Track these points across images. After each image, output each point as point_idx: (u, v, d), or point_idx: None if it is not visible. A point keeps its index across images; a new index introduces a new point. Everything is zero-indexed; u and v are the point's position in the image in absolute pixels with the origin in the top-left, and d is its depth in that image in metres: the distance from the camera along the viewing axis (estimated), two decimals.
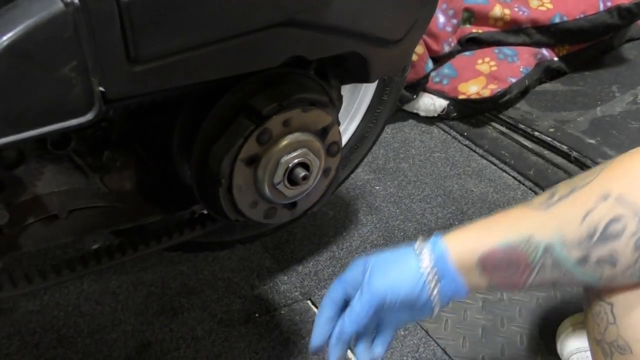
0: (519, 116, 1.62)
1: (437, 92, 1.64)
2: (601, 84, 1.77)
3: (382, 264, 0.67)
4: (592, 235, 0.62)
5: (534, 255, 0.64)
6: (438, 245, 0.66)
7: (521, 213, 0.68)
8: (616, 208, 0.62)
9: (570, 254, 0.64)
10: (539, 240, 0.64)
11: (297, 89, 0.61)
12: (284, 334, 1.06)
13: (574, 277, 0.65)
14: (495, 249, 0.65)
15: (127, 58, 0.49)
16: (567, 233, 0.63)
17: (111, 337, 1.04)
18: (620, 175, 0.64)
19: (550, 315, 1.10)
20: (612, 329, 0.71)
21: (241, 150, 0.58)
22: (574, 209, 0.64)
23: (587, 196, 0.64)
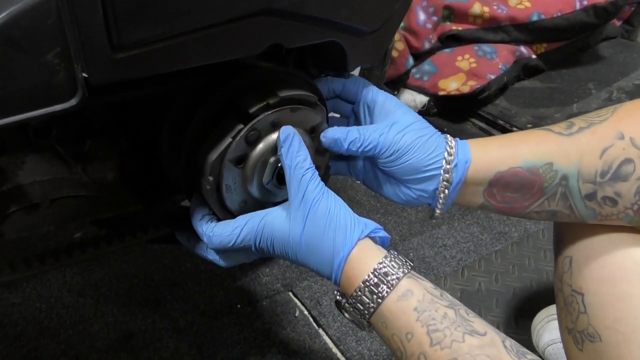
0: (497, 112, 1.65)
1: (418, 89, 1.66)
2: (578, 82, 1.81)
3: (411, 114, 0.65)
4: (606, 172, 0.64)
5: (550, 182, 0.65)
6: (465, 145, 0.64)
7: (543, 136, 0.66)
8: (630, 149, 0.63)
9: (581, 188, 0.65)
10: (559, 167, 0.64)
11: (286, 88, 0.60)
12: (266, 325, 1.08)
13: (575, 211, 0.67)
14: (516, 169, 0.64)
15: (110, 45, 0.49)
16: (585, 165, 0.64)
17: (94, 329, 1.04)
18: (633, 117, 0.65)
19: (527, 305, 1.13)
20: (582, 318, 0.74)
21: (229, 150, 0.57)
22: (594, 141, 0.64)
23: (605, 131, 0.64)
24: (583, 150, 0.64)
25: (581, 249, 0.74)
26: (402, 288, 0.53)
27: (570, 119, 0.68)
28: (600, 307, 0.72)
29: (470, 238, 1.30)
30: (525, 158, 0.65)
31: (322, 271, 0.57)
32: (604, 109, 0.68)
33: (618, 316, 0.70)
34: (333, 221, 0.55)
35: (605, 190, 0.64)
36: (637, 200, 0.64)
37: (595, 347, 0.72)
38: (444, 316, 0.52)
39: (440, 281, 1.18)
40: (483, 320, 0.55)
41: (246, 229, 0.59)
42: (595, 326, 0.72)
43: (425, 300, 0.53)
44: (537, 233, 1.32)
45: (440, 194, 0.65)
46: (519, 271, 1.22)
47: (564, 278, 0.78)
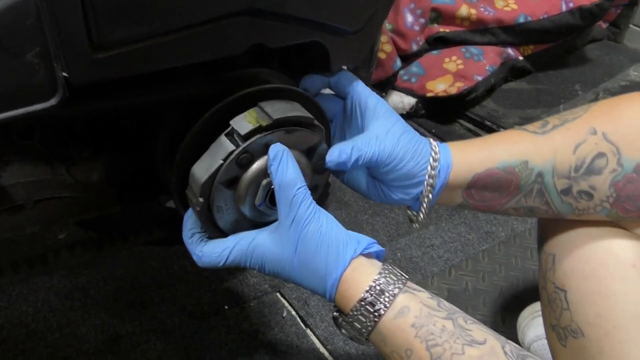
0: (485, 113, 1.66)
1: (406, 90, 1.67)
2: (564, 83, 1.82)
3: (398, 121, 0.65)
4: (580, 167, 0.65)
5: (526, 180, 0.66)
6: (446, 149, 0.66)
7: (518, 136, 0.68)
8: (602, 143, 0.64)
9: (556, 183, 0.66)
10: (534, 165, 0.66)
11: (282, 109, 0.58)
12: (253, 326, 1.08)
13: (551, 207, 0.68)
14: (493, 169, 0.66)
15: (90, 45, 0.50)
16: (559, 161, 0.65)
17: (81, 331, 1.04)
18: (606, 113, 0.67)
19: (513, 304, 1.13)
20: (566, 314, 0.74)
21: (219, 173, 0.56)
22: (567, 137, 0.66)
23: (578, 128, 0.66)
24: (557, 147, 0.66)
25: (563, 246, 0.75)
26: (399, 305, 0.53)
27: (546, 118, 0.70)
28: (582, 304, 0.73)
29: (458, 238, 1.30)
30: (501, 159, 0.66)
31: (316, 291, 0.56)
32: (578, 108, 0.70)
33: (600, 312, 0.71)
34: (325, 242, 0.54)
35: (580, 184, 0.65)
36: (612, 192, 0.65)
37: (578, 342, 0.73)
38: (442, 329, 0.52)
39: (427, 281, 1.19)
40: (482, 326, 0.55)
41: (235, 251, 0.58)
42: (577, 322, 0.73)
43: (423, 315, 0.53)
44: (524, 232, 1.32)
45: (424, 198, 0.65)
46: (506, 270, 1.22)
47: (547, 275, 0.78)
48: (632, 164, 0.64)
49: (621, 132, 0.65)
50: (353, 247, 0.55)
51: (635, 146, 0.65)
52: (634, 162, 0.64)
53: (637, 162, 0.64)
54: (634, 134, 0.65)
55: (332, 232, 0.55)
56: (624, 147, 0.65)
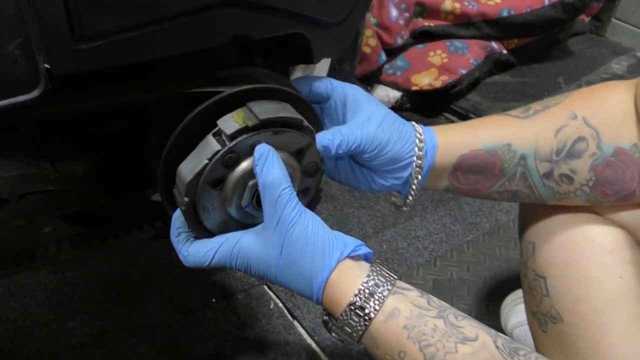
0: (470, 106, 1.68)
1: (391, 84, 1.68)
2: (548, 76, 1.84)
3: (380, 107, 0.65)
4: (561, 150, 0.66)
5: (509, 162, 0.67)
6: (430, 131, 0.66)
7: (501, 120, 0.69)
8: (582, 128, 0.66)
9: (539, 167, 0.67)
10: (517, 148, 0.67)
11: (270, 110, 0.57)
12: (241, 318, 1.09)
13: (534, 190, 0.69)
14: (478, 150, 0.66)
15: (72, 36, 0.50)
16: (541, 144, 0.66)
17: (68, 326, 1.05)
18: (586, 99, 0.69)
19: (496, 293, 1.15)
20: (545, 300, 0.76)
21: (204, 173, 0.55)
22: (549, 122, 0.67)
23: (559, 113, 0.67)
24: (539, 131, 0.67)
25: (543, 235, 0.76)
26: (389, 307, 0.52)
27: (528, 105, 0.71)
28: (561, 290, 0.74)
29: (443, 229, 1.32)
30: (484, 141, 0.67)
31: (302, 294, 0.56)
32: (560, 95, 0.71)
33: (578, 298, 0.72)
34: (310, 244, 0.53)
35: (561, 167, 0.67)
36: (592, 176, 0.67)
37: (558, 328, 0.75)
38: (434, 329, 0.52)
39: (413, 272, 1.20)
40: (472, 321, 0.54)
41: (220, 252, 0.57)
42: (557, 308, 0.75)
43: (414, 316, 0.52)
44: (508, 223, 1.34)
45: (414, 180, 0.66)
46: (490, 260, 1.24)
47: (528, 263, 0.80)
48: (611, 148, 0.66)
49: (601, 116, 0.67)
50: (340, 249, 0.54)
51: (614, 131, 0.67)
52: (613, 146, 0.66)
53: (615, 146, 0.66)
54: (613, 119, 0.67)
55: (318, 233, 0.54)
56: (603, 131, 0.66)
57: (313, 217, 0.55)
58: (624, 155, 0.66)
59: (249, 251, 0.56)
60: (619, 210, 0.72)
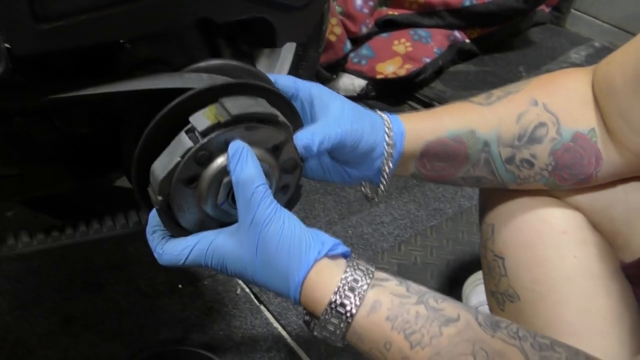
0: (433, 94, 1.70)
1: (356, 72, 1.69)
2: (509, 65, 1.88)
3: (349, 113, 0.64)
4: (522, 136, 0.68)
5: (473, 149, 0.68)
6: (397, 118, 0.66)
7: (464, 107, 0.70)
8: (543, 114, 0.68)
9: (501, 152, 0.69)
10: (480, 134, 0.68)
11: (242, 105, 0.56)
12: (207, 303, 1.09)
13: (497, 176, 0.71)
14: (443, 137, 0.67)
15: (33, 16, 0.50)
16: (503, 130, 0.68)
17: (33, 313, 1.04)
18: (545, 85, 0.71)
19: (459, 275, 1.18)
20: (504, 280, 0.78)
21: (177, 171, 0.54)
22: (510, 108, 0.69)
23: (520, 99, 0.69)
24: (501, 117, 0.68)
25: (502, 216, 0.78)
26: (370, 301, 0.51)
27: (490, 91, 0.73)
28: (519, 270, 0.77)
29: (407, 215, 1.35)
30: (449, 128, 0.68)
31: (280, 294, 0.55)
32: (520, 82, 0.73)
33: (535, 277, 0.75)
34: (286, 244, 0.52)
35: (523, 152, 0.69)
36: (551, 161, 0.69)
37: (515, 306, 0.77)
38: (416, 316, 0.51)
39: (378, 256, 1.23)
40: (452, 302, 0.54)
41: (195, 252, 0.56)
42: (514, 287, 0.77)
43: (395, 306, 0.52)
44: (470, 209, 1.37)
45: (385, 168, 0.66)
46: (453, 245, 1.27)
47: (487, 245, 0.82)
48: (570, 133, 0.68)
49: (560, 103, 0.69)
50: (317, 248, 0.53)
51: (572, 116, 0.69)
52: (572, 131, 0.68)
53: (574, 131, 0.68)
54: (571, 104, 0.69)
55: (294, 232, 0.53)
56: (562, 117, 0.68)
57: (289, 215, 0.54)
58: (582, 140, 0.68)
59: (224, 251, 0.55)
60: (575, 193, 0.74)
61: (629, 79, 0.65)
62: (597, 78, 0.69)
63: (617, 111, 0.66)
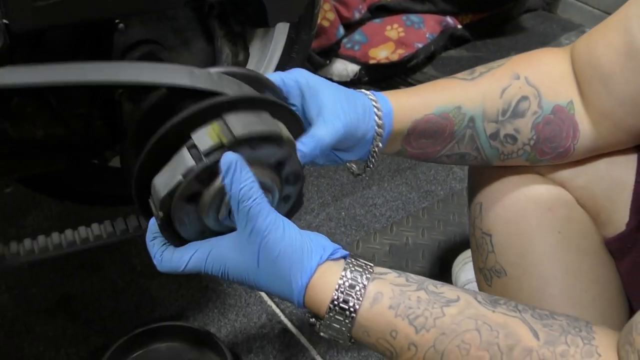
0: (426, 79, 1.72)
1: (349, 58, 1.71)
2: (501, 51, 1.89)
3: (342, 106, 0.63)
4: (506, 110, 0.69)
5: (459, 125, 0.69)
6: (384, 97, 0.67)
7: (449, 83, 0.71)
8: (525, 87, 0.69)
9: (486, 128, 0.70)
10: (466, 110, 0.69)
11: (246, 124, 0.54)
12: (203, 282, 1.11)
13: (481, 152, 0.72)
14: (430, 114, 0.68)
15: None
16: (488, 105, 0.69)
17: (30, 292, 1.06)
18: (527, 60, 0.72)
19: (449, 255, 1.20)
20: (491, 256, 0.80)
21: (179, 189, 0.53)
22: (494, 82, 0.70)
23: (503, 73, 0.70)
24: (485, 92, 0.70)
25: (490, 195, 0.80)
26: (372, 293, 0.53)
27: (473, 68, 0.74)
28: (505, 246, 0.78)
29: (399, 197, 1.37)
30: (436, 104, 0.69)
31: (285, 299, 0.55)
32: (501, 59, 0.74)
33: (520, 253, 0.76)
34: (288, 252, 0.53)
35: (506, 127, 0.70)
36: (533, 135, 0.70)
37: (502, 281, 0.79)
38: (418, 300, 0.53)
39: (370, 237, 1.25)
40: (450, 287, 0.56)
41: (195, 259, 0.56)
42: (501, 263, 0.79)
43: (396, 295, 0.53)
44: (461, 191, 1.40)
45: (374, 148, 0.67)
46: (444, 226, 1.29)
47: (475, 222, 0.84)
48: (550, 106, 0.70)
49: (540, 76, 0.70)
50: (319, 254, 0.54)
51: (553, 89, 0.70)
52: (552, 104, 0.70)
53: (554, 104, 0.70)
54: (551, 77, 0.71)
55: (295, 240, 0.53)
56: (543, 90, 0.70)
57: (288, 224, 0.54)
58: (561, 112, 0.70)
59: (224, 258, 0.55)
60: (559, 169, 0.76)
61: (611, 45, 0.66)
62: (577, 50, 0.71)
63: (598, 76, 0.68)
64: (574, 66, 0.71)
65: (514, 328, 0.51)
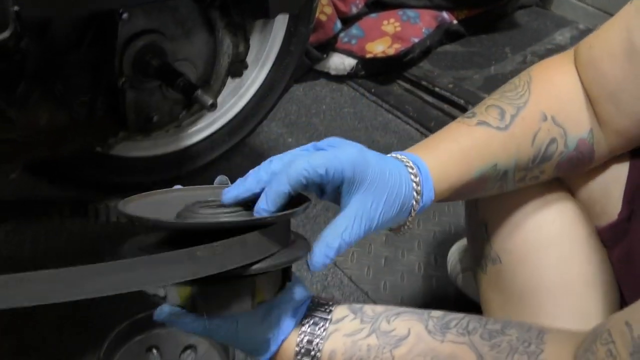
0: (421, 74, 1.74)
1: (346, 52, 1.73)
2: (495, 46, 1.92)
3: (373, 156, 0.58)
4: (536, 157, 0.68)
5: (493, 180, 0.68)
6: (424, 167, 0.63)
7: (488, 136, 0.67)
8: (552, 129, 0.68)
9: (515, 176, 0.70)
10: (501, 166, 0.67)
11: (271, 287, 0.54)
12: None
13: (502, 190, 0.71)
14: (470, 181, 0.66)
15: None
16: (521, 156, 0.68)
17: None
18: (547, 93, 0.69)
19: (444, 245, 1.22)
20: (486, 245, 0.82)
21: None
22: (525, 129, 0.67)
23: (532, 116, 0.67)
24: (519, 143, 0.67)
25: None
26: (327, 353, 0.55)
27: (498, 104, 0.69)
28: (500, 234, 0.80)
29: None
30: (476, 168, 0.66)
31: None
32: (518, 82, 0.70)
33: (515, 241, 0.78)
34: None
35: (534, 172, 0.70)
36: (555, 173, 0.71)
37: (496, 268, 0.81)
38: (368, 349, 0.54)
39: None
40: (404, 316, 0.56)
41: None
42: (496, 250, 0.80)
43: (348, 349, 0.55)
44: None
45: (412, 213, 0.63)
46: (439, 216, 1.31)
47: (471, 212, 0.86)
48: (574, 142, 0.69)
49: (565, 112, 0.68)
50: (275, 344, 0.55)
51: (576, 122, 0.69)
52: (576, 139, 0.69)
53: (578, 139, 0.68)
54: (573, 109, 0.69)
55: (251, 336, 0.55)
56: (569, 127, 0.68)
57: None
58: (583, 146, 0.69)
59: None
60: None
61: (616, 60, 0.65)
62: (581, 65, 0.70)
63: (606, 95, 0.67)
64: (582, 83, 0.70)
65: (463, 357, 0.52)
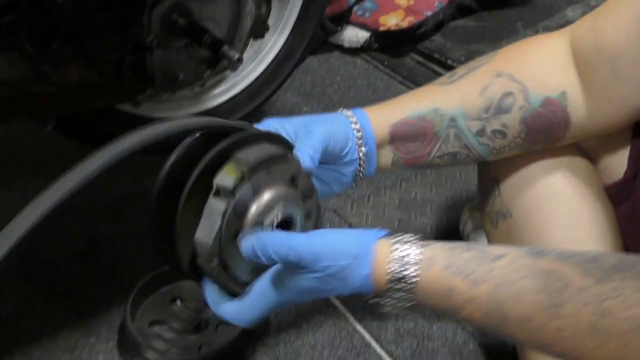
0: (434, 47, 1.76)
1: (360, 25, 1.75)
2: (507, 21, 1.93)
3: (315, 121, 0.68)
4: (488, 107, 0.72)
5: (440, 126, 0.73)
6: (361, 112, 0.72)
7: (427, 89, 0.76)
8: (508, 84, 0.71)
9: (470, 125, 0.73)
10: (444, 111, 0.72)
11: (254, 153, 0.60)
12: None
13: (471, 150, 0.75)
14: (407, 118, 0.72)
15: None
16: (468, 105, 0.72)
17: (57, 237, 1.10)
18: (512, 55, 0.74)
19: (455, 209, 1.25)
20: (498, 200, 0.85)
21: (222, 232, 0.57)
22: (473, 83, 0.73)
23: (484, 73, 0.73)
24: (464, 92, 0.72)
25: None
26: (427, 258, 0.56)
27: (455, 70, 0.76)
28: (511, 190, 0.83)
29: None
30: (412, 109, 0.73)
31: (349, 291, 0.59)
32: (484, 56, 0.76)
33: (525, 195, 0.81)
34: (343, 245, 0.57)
35: (492, 124, 0.73)
36: (522, 128, 0.73)
37: (507, 223, 0.84)
38: (469, 259, 0.55)
39: (380, 192, 1.30)
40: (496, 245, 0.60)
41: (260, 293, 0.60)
42: (507, 205, 0.84)
43: (449, 256, 0.56)
44: None
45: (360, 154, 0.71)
46: (451, 182, 1.34)
47: (483, 170, 0.89)
48: (539, 100, 0.71)
49: (527, 70, 0.72)
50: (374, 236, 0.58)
51: (541, 82, 0.72)
52: (541, 97, 0.71)
53: (543, 97, 0.71)
54: (539, 70, 0.72)
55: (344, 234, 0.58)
56: (530, 84, 0.71)
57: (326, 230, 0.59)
58: (553, 105, 0.72)
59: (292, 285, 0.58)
60: None
61: (622, 25, 0.67)
62: (584, 33, 0.71)
63: (605, 59, 0.68)
64: (575, 52, 0.71)
65: (564, 271, 0.53)
